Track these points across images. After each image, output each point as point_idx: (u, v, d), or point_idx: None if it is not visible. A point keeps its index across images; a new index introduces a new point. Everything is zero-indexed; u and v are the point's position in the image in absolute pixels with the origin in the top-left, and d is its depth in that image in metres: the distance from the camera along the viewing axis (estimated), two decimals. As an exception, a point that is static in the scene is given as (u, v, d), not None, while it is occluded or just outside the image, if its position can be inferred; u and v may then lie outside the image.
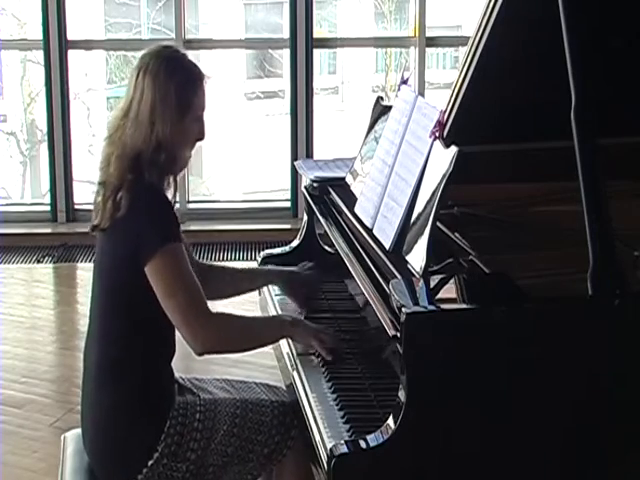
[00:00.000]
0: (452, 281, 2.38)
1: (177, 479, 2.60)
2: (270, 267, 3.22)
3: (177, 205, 2.76)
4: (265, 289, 3.33)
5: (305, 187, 3.39)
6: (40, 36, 6.77)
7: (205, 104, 2.66)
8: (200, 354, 2.58)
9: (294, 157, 6.75)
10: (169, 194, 2.66)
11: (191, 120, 2.62)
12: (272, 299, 3.21)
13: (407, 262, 2.44)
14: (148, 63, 2.59)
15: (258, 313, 3.29)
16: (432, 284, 2.33)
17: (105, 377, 2.63)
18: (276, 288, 3.27)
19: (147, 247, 2.52)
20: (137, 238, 2.54)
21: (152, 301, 2.55)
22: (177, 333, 2.63)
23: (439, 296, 2.32)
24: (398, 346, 2.18)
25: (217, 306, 2.83)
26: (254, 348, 2.71)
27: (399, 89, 2.86)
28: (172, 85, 2.57)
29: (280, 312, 3.05)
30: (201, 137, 2.68)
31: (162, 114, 2.56)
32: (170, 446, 2.58)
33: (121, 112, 2.61)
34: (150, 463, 2.57)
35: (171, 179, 2.68)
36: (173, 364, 2.74)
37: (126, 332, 2.61)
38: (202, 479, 2.63)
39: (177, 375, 2.79)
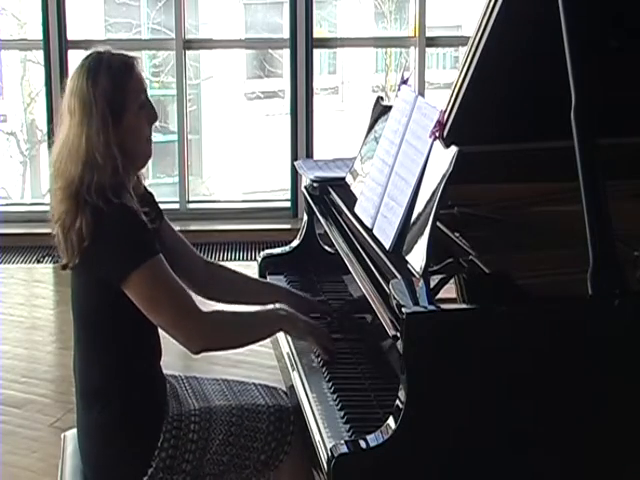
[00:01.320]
0: (452, 281, 2.39)
1: None
2: (281, 285, 3.16)
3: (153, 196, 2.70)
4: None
5: (305, 187, 3.39)
6: (40, 36, 6.77)
7: (143, 88, 2.57)
8: (196, 353, 2.55)
9: (294, 157, 6.75)
10: (134, 203, 2.53)
11: (131, 115, 2.53)
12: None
13: (407, 262, 2.44)
14: (74, 83, 2.53)
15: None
16: (432, 284, 2.33)
17: (90, 401, 2.59)
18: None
19: (120, 272, 2.46)
20: (107, 265, 2.47)
21: (127, 319, 2.51)
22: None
23: (439, 296, 2.32)
24: (398, 346, 2.18)
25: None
26: (251, 343, 2.67)
27: (399, 89, 2.86)
28: (98, 95, 2.49)
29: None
30: (153, 120, 2.60)
31: (91, 129, 2.48)
32: (165, 460, 2.56)
33: (59, 142, 2.54)
34: (145, 479, 2.55)
35: (134, 179, 2.61)
36: (173, 363, 2.73)
37: (106, 359, 2.57)
38: None
39: (176, 374, 2.79)
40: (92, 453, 2.62)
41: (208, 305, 2.76)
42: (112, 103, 2.50)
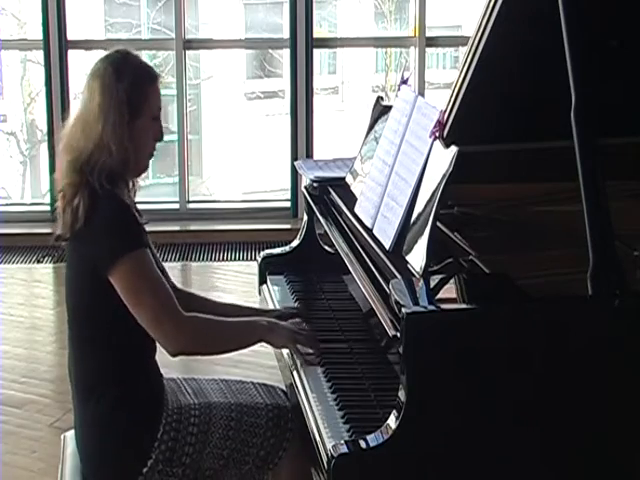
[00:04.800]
0: (452, 281, 2.39)
1: None
2: (255, 307, 3.06)
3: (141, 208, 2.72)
4: (265, 288, 3.33)
5: (305, 187, 3.39)
6: (40, 36, 6.78)
7: (159, 104, 2.64)
8: (173, 355, 2.56)
9: (294, 157, 6.75)
10: (127, 198, 2.61)
11: (144, 122, 2.60)
12: (272, 299, 3.21)
13: (407, 262, 2.44)
14: (98, 68, 2.59)
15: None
16: (432, 284, 2.33)
17: (86, 395, 2.61)
18: (276, 288, 3.27)
19: (107, 258, 2.49)
20: (96, 250, 2.51)
21: (120, 311, 2.52)
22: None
23: (439, 296, 2.32)
24: (398, 346, 2.18)
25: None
26: (229, 351, 2.68)
27: (399, 89, 2.86)
28: (120, 88, 2.55)
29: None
30: (159, 138, 2.66)
31: (110, 117, 2.54)
32: (165, 452, 2.57)
33: (73, 118, 2.61)
34: (145, 470, 2.56)
35: (130, 183, 2.66)
36: (174, 363, 2.74)
37: (100, 349, 2.59)
38: None
39: (175, 377, 2.79)
40: (90, 447, 2.62)
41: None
42: (130, 102, 2.56)
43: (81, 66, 7.68)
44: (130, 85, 2.56)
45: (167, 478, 2.58)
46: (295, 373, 2.70)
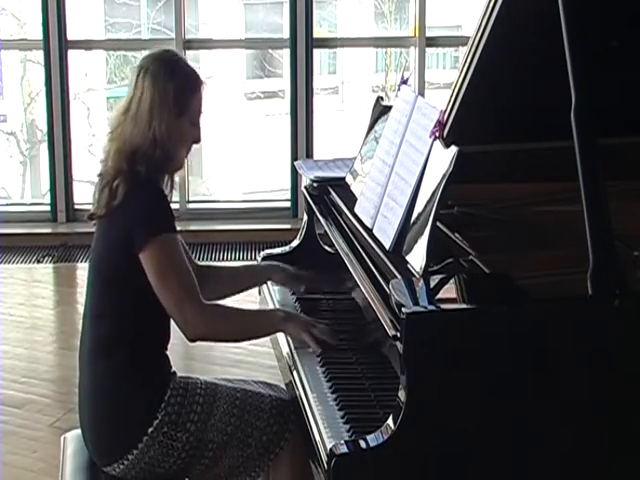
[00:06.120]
0: (452, 281, 2.39)
1: (177, 449, 2.64)
2: (269, 263, 3.25)
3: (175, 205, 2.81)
4: (265, 289, 3.33)
5: (305, 187, 3.39)
6: (40, 36, 6.77)
7: (202, 109, 2.76)
8: (191, 340, 2.66)
9: (294, 157, 6.75)
10: (166, 190, 2.75)
11: (187, 122, 2.72)
12: (272, 299, 3.21)
13: (407, 262, 2.44)
14: (149, 64, 2.71)
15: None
16: (432, 284, 2.33)
17: (100, 352, 2.69)
18: (276, 289, 3.27)
19: (143, 234, 2.61)
20: (133, 224, 2.62)
21: (145, 285, 2.62)
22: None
23: (439, 296, 2.32)
24: (398, 346, 2.18)
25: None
26: (247, 339, 2.83)
27: (399, 89, 2.86)
28: (170, 86, 2.68)
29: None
30: (197, 140, 2.78)
31: (159, 113, 2.67)
32: (170, 414, 2.63)
33: (122, 110, 2.72)
34: (150, 430, 2.62)
35: (167, 177, 2.78)
36: (173, 363, 2.75)
37: (120, 310, 2.68)
38: (202, 455, 2.67)
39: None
40: (97, 406, 2.69)
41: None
42: (178, 99, 2.69)
43: (81, 66, 7.70)
44: (178, 86, 2.69)
45: (171, 442, 2.63)
46: (295, 373, 2.70)
